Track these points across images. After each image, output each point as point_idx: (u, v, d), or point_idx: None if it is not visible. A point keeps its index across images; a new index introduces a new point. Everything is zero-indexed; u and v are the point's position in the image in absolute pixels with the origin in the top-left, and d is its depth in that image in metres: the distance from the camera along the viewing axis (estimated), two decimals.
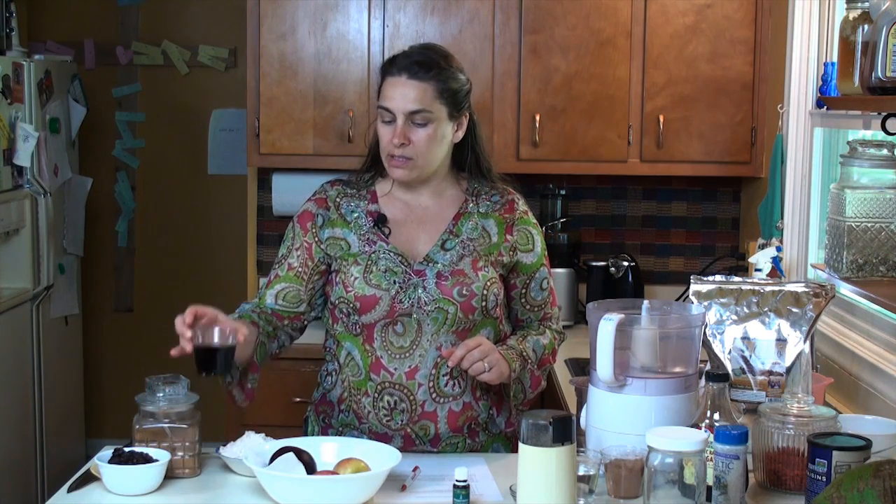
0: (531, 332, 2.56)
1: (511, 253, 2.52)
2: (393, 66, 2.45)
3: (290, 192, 4.19)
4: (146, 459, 2.19)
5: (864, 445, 2.02)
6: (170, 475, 2.22)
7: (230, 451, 2.30)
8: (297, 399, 3.71)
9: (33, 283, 4.55)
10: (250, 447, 2.24)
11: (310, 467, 2.16)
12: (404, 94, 2.41)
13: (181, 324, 2.21)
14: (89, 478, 2.23)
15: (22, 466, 4.47)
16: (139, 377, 2.44)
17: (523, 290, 2.56)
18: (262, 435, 2.33)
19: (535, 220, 2.60)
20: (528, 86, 4.00)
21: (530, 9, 3.98)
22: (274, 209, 4.28)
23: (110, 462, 2.18)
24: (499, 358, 2.38)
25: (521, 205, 2.59)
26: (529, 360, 2.49)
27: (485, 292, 2.44)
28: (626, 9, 3.96)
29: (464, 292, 2.43)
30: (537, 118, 3.99)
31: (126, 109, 5.50)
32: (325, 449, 2.26)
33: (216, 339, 2.24)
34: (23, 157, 4.42)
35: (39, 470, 4.61)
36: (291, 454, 2.17)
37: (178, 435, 2.25)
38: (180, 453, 2.25)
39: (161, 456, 2.20)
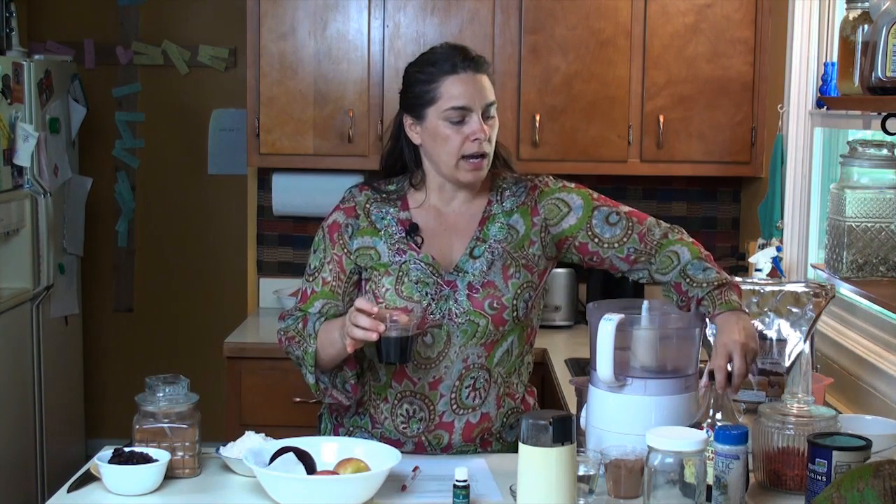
0: (683, 282, 2.38)
1: (543, 234, 2.44)
2: (451, 64, 2.36)
3: (290, 192, 4.20)
4: (146, 459, 2.19)
5: (864, 445, 2.01)
6: (170, 475, 2.22)
7: (230, 451, 2.30)
8: (298, 399, 3.71)
9: (33, 283, 4.55)
10: (250, 447, 2.24)
11: (310, 467, 2.16)
12: (478, 87, 2.37)
13: (370, 321, 2.18)
14: (89, 478, 2.23)
15: (22, 466, 4.47)
16: (139, 377, 2.44)
17: (596, 241, 2.43)
18: (262, 435, 2.33)
19: (561, 184, 2.49)
20: (528, 86, 4.00)
21: (530, 9, 3.98)
22: (274, 209, 4.28)
23: (110, 462, 2.18)
24: (743, 341, 2.20)
25: (542, 181, 2.50)
26: (725, 284, 2.33)
27: (515, 302, 2.39)
28: (626, 9, 3.96)
29: (495, 305, 2.38)
30: (537, 118, 3.99)
31: (126, 109, 5.49)
32: (325, 449, 2.25)
33: (395, 329, 2.23)
34: (23, 157, 4.42)
35: (39, 470, 4.61)
36: (291, 454, 2.17)
37: (178, 435, 2.25)
38: (180, 453, 2.25)
39: (161, 456, 2.20)
